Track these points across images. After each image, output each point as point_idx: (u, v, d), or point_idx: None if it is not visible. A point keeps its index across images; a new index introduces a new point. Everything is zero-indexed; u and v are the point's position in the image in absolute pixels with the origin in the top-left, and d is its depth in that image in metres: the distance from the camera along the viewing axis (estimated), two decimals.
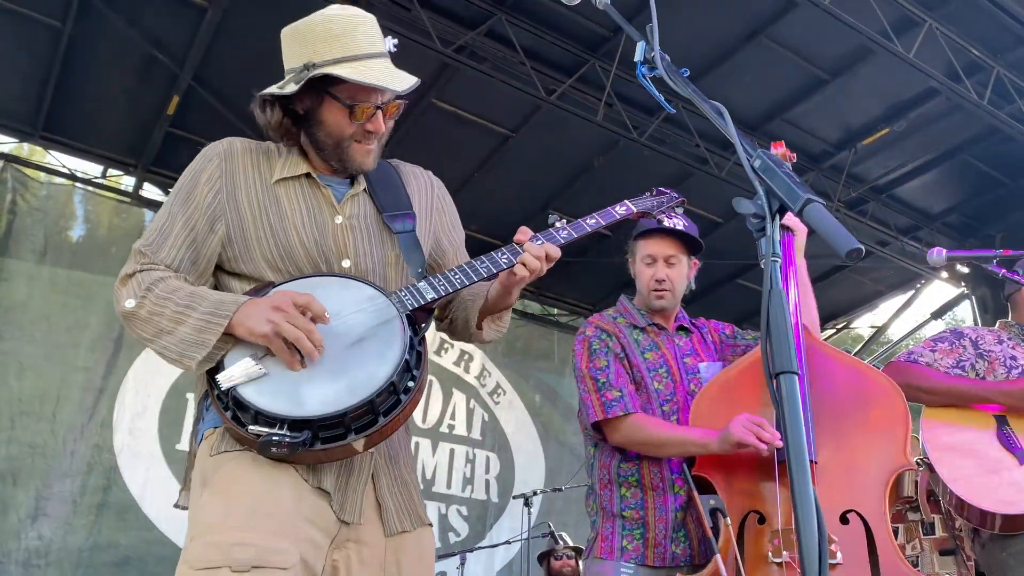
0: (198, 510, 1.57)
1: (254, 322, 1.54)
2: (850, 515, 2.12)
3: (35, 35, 5.95)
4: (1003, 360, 2.87)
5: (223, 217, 1.74)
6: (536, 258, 1.77)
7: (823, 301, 9.95)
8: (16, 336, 6.49)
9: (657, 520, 2.41)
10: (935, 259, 2.85)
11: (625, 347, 2.59)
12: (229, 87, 6.43)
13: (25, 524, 6.09)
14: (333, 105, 1.76)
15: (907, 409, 2.27)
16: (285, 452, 1.49)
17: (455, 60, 5.83)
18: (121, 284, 1.67)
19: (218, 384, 1.55)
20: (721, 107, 1.39)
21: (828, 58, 6.42)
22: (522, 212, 8.10)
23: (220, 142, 1.85)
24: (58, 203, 7.15)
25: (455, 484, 8.46)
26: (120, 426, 6.70)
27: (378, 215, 1.85)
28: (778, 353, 1.05)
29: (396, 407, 1.59)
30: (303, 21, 1.83)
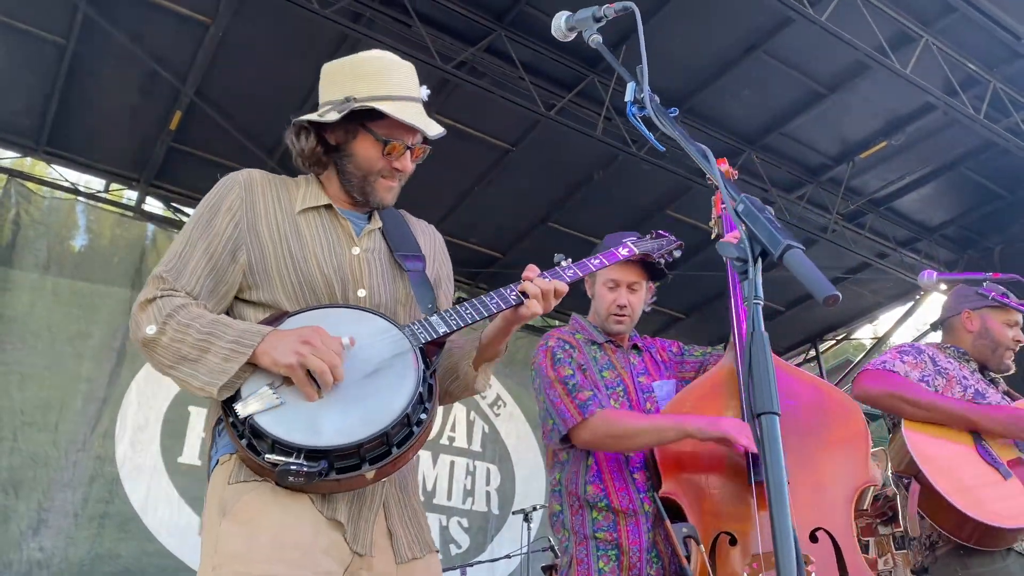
0: (219, 538, 1.58)
1: (279, 353, 1.56)
2: (819, 532, 2.15)
3: (40, 52, 6.02)
4: (959, 379, 2.94)
5: (244, 246, 1.77)
6: (544, 291, 1.80)
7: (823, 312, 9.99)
8: (19, 347, 6.52)
9: (631, 543, 2.40)
10: (926, 282, 2.90)
11: (585, 362, 2.61)
12: (231, 102, 6.51)
13: (27, 535, 6.10)
14: (367, 139, 1.83)
15: (867, 426, 2.31)
16: (302, 481, 1.51)
17: (455, 76, 5.88)
18: (140, 310, 1.67)
19: (235, 412, 1.57)
20: (706, 149, 1.42)
21: (826, 73, 6.47)
22: (522, 225, 8.18)
23: (240, 172, 1.89)
24: (61, 216, 7.20)
25: (455, 496, 8.47)
26: (122, 438, 6.73)
27: (390, 253, 1.90)
28: (760, 394, 1.09)
29: (409, 439, 1.62)
30: (347, 58, 1.91)
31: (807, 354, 10.54)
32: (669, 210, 7.90)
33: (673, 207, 7.86)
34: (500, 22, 6.04)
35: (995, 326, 3.02)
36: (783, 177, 7.64)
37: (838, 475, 2.24)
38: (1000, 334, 3.00)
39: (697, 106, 6.86)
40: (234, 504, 1.58)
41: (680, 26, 6.01)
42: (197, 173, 7.31)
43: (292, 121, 1.89)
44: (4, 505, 6.07)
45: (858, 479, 2.23)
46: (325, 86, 1.90)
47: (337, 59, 1.94)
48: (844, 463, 2.26)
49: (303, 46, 5.99)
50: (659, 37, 6.12)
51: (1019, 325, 2.99)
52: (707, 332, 10.07)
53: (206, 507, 1.66)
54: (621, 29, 6.06)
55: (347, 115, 1.79)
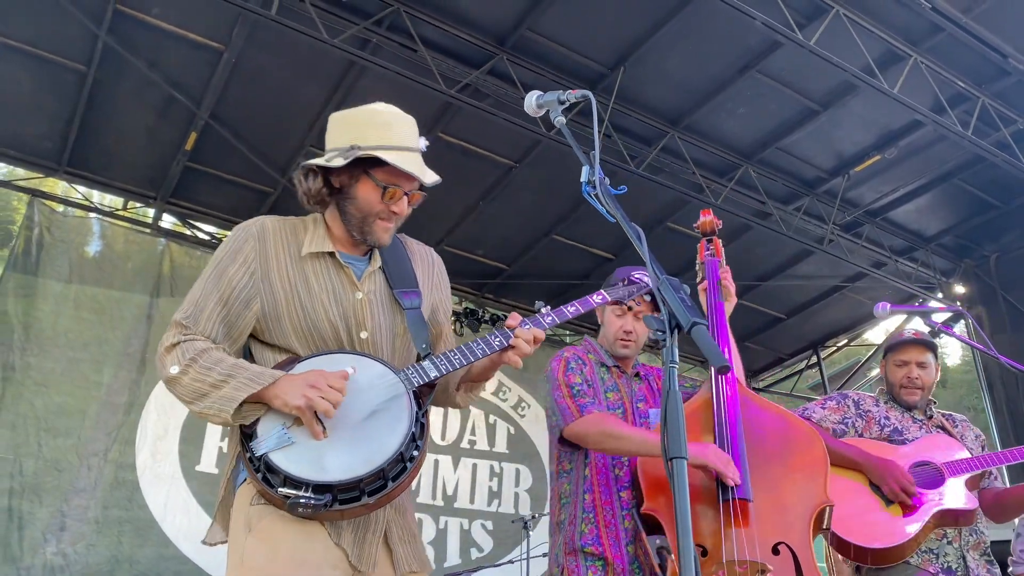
0: (245, 552, 1.80)
1: (290, 395, 1.78)
2: (780, 546, 2.36)
3: (62, 78, 6.30)
4: (878, 419, 3.29)
5: (258, 296, 1.97)
6: (526, 341, 2.01)
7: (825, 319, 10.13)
8: (40, 355, 6.79)
9: (615, 556, 2.61)
10: (880, 312, 3.14)
11: (593, 379, 2.84)
12: (243, 123, 6.77)
13: (47, 540, 6.33)
14: (368, 184, 2.01)
15: (826, 453, 2.54)
16: (310, 512, 1.75)
17: (458, 99, 6.11)
18: (166, 352, 1.88)
19: (252, 450, 1.80)
20: (639, 231, 1.64)
21: (818, 91, 6.66)
22: (526, 238, 8.41)
23: (253, 222, 2.07)
24: (82, 232, 7.49)
25: (479, 499, 8.63)
26: (143, 447, 6.98)
27: (390, 291, 2.10)
28: (672, 442, 1.31)
29: (403, 473, 1.83)
30: (354, 110, 2.10)
31: (808, 360, 10.71)
32: (669, 222, 8.10)
33: (673, 219, 8.06)
34: (502, 46, 6.26)
35: (890, 368, 3.37)
36: (780, 190, 7.83)
37: (799, 496, 2.46)
38: (892, 375, 3.35)
39: (695, 123, 7.06)
40: (258, 523, 1.81)
41: (676, 48, 6.23)
42: (212, 190, 7.60)
43: (300, 164, 2.09)
44: (25, 510, 6.30)
45: (817, 500, 2.45)
46: (332, 134, 2.09)
47: (344, 110, 2.14)
48: (804, 486, 2.48)
49: (312, 71, 6.25)
50: (656, 59, 6.35)
51: (911, 363, 3.29)
52: None
53: (232, 522, 1.90)
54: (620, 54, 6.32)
55: (351, 161, 1.98)
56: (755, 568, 2.27)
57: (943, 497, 2.92)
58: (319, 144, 6.55)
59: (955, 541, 3.01)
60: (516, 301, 9.49)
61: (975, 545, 3.03)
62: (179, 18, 5.90)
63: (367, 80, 6.27)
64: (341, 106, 6.62)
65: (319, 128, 6.74)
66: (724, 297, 2.95)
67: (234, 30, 5.89)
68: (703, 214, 3.19)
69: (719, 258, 3.06)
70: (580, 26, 6.14)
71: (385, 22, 5.92)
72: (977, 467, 2.96)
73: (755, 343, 10.30)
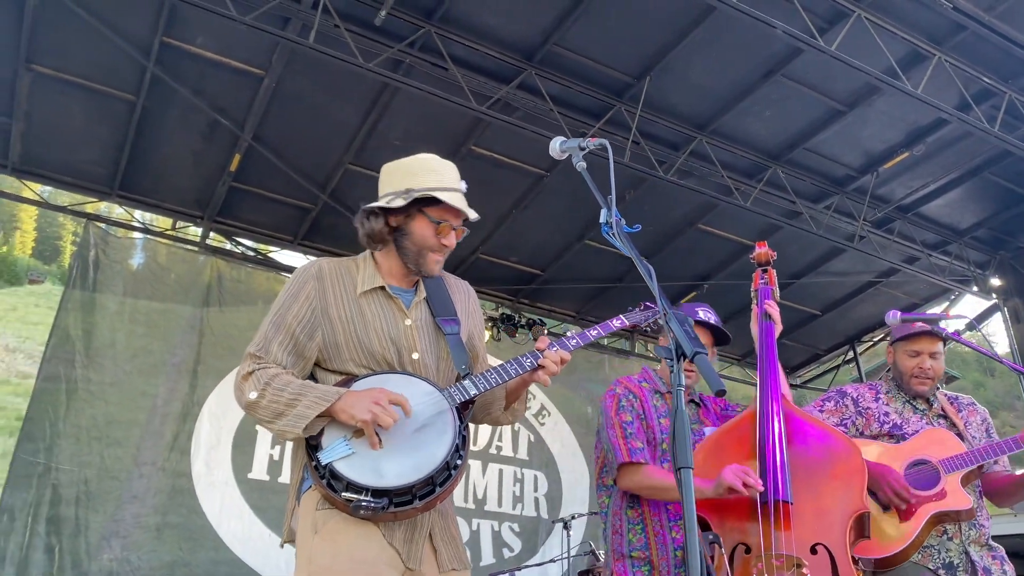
0: (312, 551, 2.03)
1: (356, 409, 2.02)
2: (818, 547, 2.56)
3: (112, 108, 6.64)
4: (877, 416, 3.36)
5: (320, 328, 2.22)
6: (553, 362, 2.25)
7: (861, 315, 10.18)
8: (98, 368, 7.14)
9: (660, 559, 2.87)
10: (891, 321, 3.26)
11: (646, 410, 3.07)
12: (285, 144, 7.07)
13: (102, 546, 6.65)
14: (423, 221, 2.29)
15: (863, 464, 2.73)
16: (370, 514, 1.99)
17: (487, 115, 6.32)
18: (243, 380, 2.14)
19: (318, 459, 2.04)
20: (650, 268, 1.81)
21: (843, 91, 6.75)
22: (559, 243, 8.60)
23: (312, 264, 2.35)
24: (133, 252, 7.86)
25: (506, 502, 8.88)
26: (197, 456, 7.29)
27: (433, 319, 2.36)
28: (680, 454, 1.50)
29: (448, 480, 2.07)
30: (404, 160, 2.39)
31: (845, 355, 10.75)
32: (700, 224, 8.24)
33: (703, 221, 8.20)
34: (530, 61, 6.46)
35: (900, 357, 3.42)
36: (809, 189, 7.92)
37: (836, 503, 2.66)
38: (903, 364, 3.40)
39: (722, 128, 7.19)
40: (323, 525, 2.05)
41: (700, 56, 6.37)
42: (256, 208, 7.92)
43: (362, 208, 2.36)
44: (83, 517, 6.63)
45: (853, 506, 2.65)
46: (385, 181, 2.38)
47: (396, 160, 2.42)
48: (843, 493, 2.68)
49: (348, 93, 6.52)
50: (681, 67, 6.50)
51: (924, 354, 3.34)
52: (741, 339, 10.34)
53: (299, 525, 2.13)
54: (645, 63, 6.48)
55: (408, 202, 2.27)
56: (791, 562, 2.47)
57: (939, 497, 3.01)
58: (357, 161, 6.88)
59: (955, 537, 3.09)
60: (552, 305, 9.70)
61: (976, 539, 3.10)
62: (221, 47, 6.19)
63: (401, 99, 6.52)
64: (377, 125, 6.93)
65: (356, 146, 7.06)
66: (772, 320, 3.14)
67: (273, 56, 6.17)
68: (758, 246, 3.40)
69: (772, 286, 3.25)
70: (605, 39, 6.31)
71: (417, 43, 6.15)
72: (972, 462, 3.04)
73: (791, 339, 10.37)
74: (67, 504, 6.59)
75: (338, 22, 5.73)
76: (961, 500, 3.03)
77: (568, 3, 5.94)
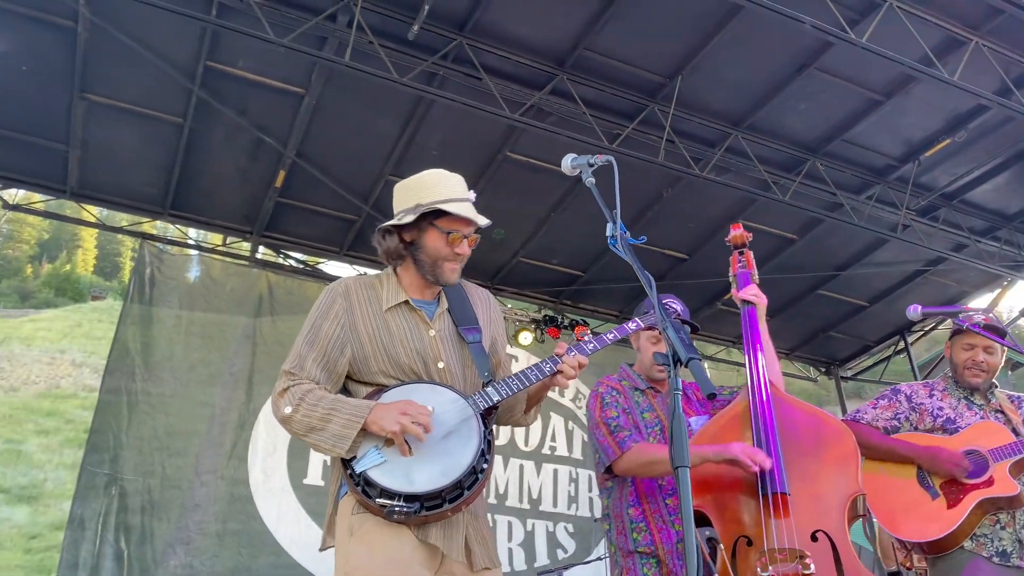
0: (348, 552, 2.17)
1: (386, 421, 2.14)
2: (818, 534, 2.60)
3: (161, 132, 6.92)
4: (931, 411, 3.41)
5: (349, 343, 2.36)
6: (571, 367, 2.35)
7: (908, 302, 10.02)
8: (157, 380, 7.45)
9: (666, 553, 2.93)
10: (912, 315, 3.29)
11: (629, 406, 3.13)
12: (327, 159, 7.27)
13: (169, 553, 6.93)
14: (434, 233, 2.40)
15: (856, 446, 2.76)
16: (403, 518, 2.12)
17: (521, 122, 6.43)
18: (279, 396, 2.28)
19: (352, 468, 2.18)
20: (651, 278, 1.90)
21: (880, 81, 6.69)
22: (599, 244, 8.63)
23: (339, 284, 2.49)
24: (187, 268, 8.17)
25: (561, 502, 8.96)
26: (254, 464, 7.55)
27: (455, 328, 2.48)
28: (677, 453, 1.59)
29: (475, 483, 2.20)
30: (411, 178, 2.51)
31: (896, 346, 10.59)
32: (741, 220, 8.20)
33: (743, 217, 8.17)
34: (561, 67, 6.55)
35: (956, 351, 3.48)
36: (849, 180, 7.85)
37: (832, 487, 2.70)
38: (957, 357, 3.46)
39: (757, 123, 7.18)
40: (358, 528, 2.19)
41: (731, 54, 6.38)
42: (302, 222, 8.15)
43: (377, 228, 2.48)
44: (148, 525, 6.93)
45: (849, 489, 2.69)
46: (397, 200, 2.49)
47: (405, 179, 2.54)
48: (837, 477, 2.72)
49: (386, 106, 6.69)
50: (713, 65, 6.52)
51: (978, 347, 3.38)
52: (788, 332, 10.30)
53: (337, 528, 2.27)
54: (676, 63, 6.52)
55: (418, 216, 2.37)
56: (794, 555, 2.51)
57: (987, 484, 3.05)
58: (397, 173, 7.08)
59: (1009, 526, 3.12)
60: (594, 305, 9.76)
61: None
62: (262, 68, 6.41)
63: (437, 110, 6.67)
64: (415, 137, 7.11)
65: (396, 158, 7.23)
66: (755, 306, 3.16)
67: (312, 75, 6.37)
68: (733, 228, 3.43)
69: (750, 270, 3.28)
70: (635, 41, 6.37)
71: (450, 55, 6.28)
72: (1021, 451, 3.08)
73: (839, 332, 10.27)
74: (133, 513, 6.88)
75: (372, 39, 5.89)
76: (1008, 487, 3.07)
77: (596, 7, 6.01)
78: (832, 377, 11.15)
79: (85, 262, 50.74)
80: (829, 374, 11.19)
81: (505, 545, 8.45)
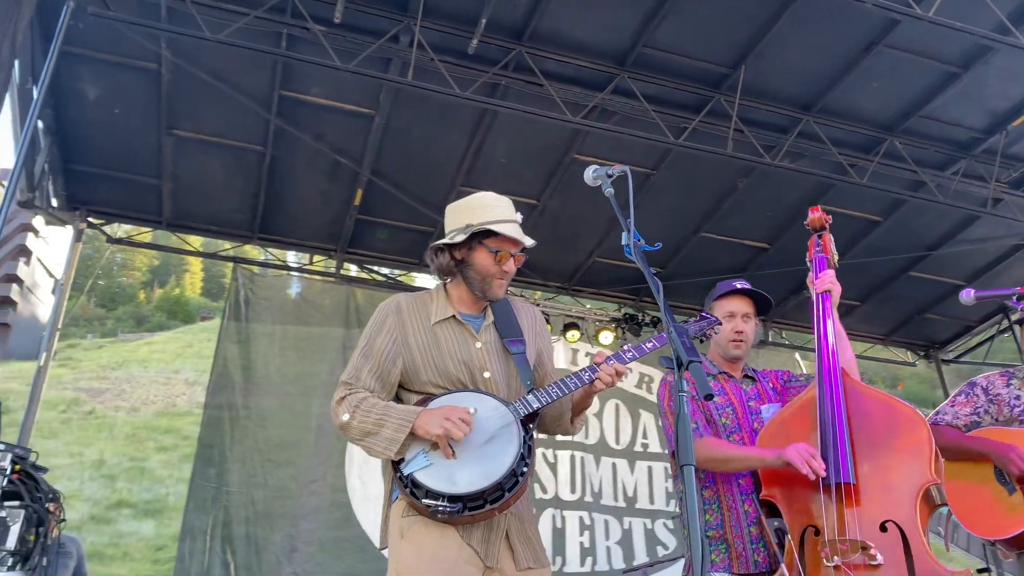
0: (399, 553, 2.33)
1: (431, 425, 2.29)
2: (888, 524, 2.55)
3: (245, 160, 7.31)
4: (1008, 401, 3.28)
5: (400, 356, 2.53)
6: (608, 375, 2.43)
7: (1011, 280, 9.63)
8: (257, 394, 7.83)
9: (735, 536, 2.92)
10: (965, 299, 3.18)
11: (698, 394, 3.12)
12: (400, 175, 7.52)
13: (282, 562, 7.25)
14: (483, 252, 2.55)
15: (930, 435, 2.67)
16: (446, 517, 2.26)
17: (584, 125, 6.50)
18: (337, 404, 2.46)
19: (401, 471, 2.33)
20: (659, 283, 1.96)
21: (954, 53, 6.44)
22: (676, 239, 8.62)
23: (391, 301, 2.65)
24: (278, 287, 8.56)
25: (658, 499, 8.90)
26: (351, 472, 7.84)
27: (500, 341, 2.61)
28: (682, 452, 1.65)
29: (516, 485, 2.31)
30: (463, 199, 2.67)
31: (1000, 325, 10.12)
32: (820, 205, 8.02)
33: (823, 201, 7.96)
34: (622, 66, 6.57)
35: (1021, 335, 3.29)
36: (932, 157, 7.58)
37: (904, 476, 2.64)
38: None
39: (828, 105, 7.02)
40: (408, 530, 2.34)
41: (794, 38, 6.28)
42: (382, 237, 8.42)
43: (430, 246, 2.65)
44: (260, 536, 7.27)
45: (923, 478, 2.61)
46: (449, 220, 2.66)
47: (456, 200, 2.70)
48: (909, 466, 2.65)
49: (451, 120, 6.89)
50: (776, 51, 6.43)
51: None
52: (882, 316, 9.99)
53: (390, 530, 2.43)
54: (739, 52, 6.45)
55: (468, 236, 2.52)
56: (856, 546, 2.50)
57: None
58: (468, 183, 7.24)
59: None
60: (676, 301, 9.65)
61: None
62: (334, 93, 6.70)
63: (501, 119, 6.81)
64: (482, 147, 7.26)
65: (465, 169, 7.41)
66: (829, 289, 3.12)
67: (380, 95, 6.61)
68: (811, 211, 3.37)
69: (827, 254, 3.24)
70: (694, 34, 6.35)
71: (510, 65, 6.40)
72: None
73: (936, 313, 9.89)
74: (238, 524, 7.25)
75: (433, 56, 6.07)
76: None
77: (652, 4, 6.02)
78: (932, 361, 10.73)
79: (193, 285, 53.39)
80: (929, 357, 10.78)
81: (603, 544, 8.48)
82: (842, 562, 2.47)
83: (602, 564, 8.34)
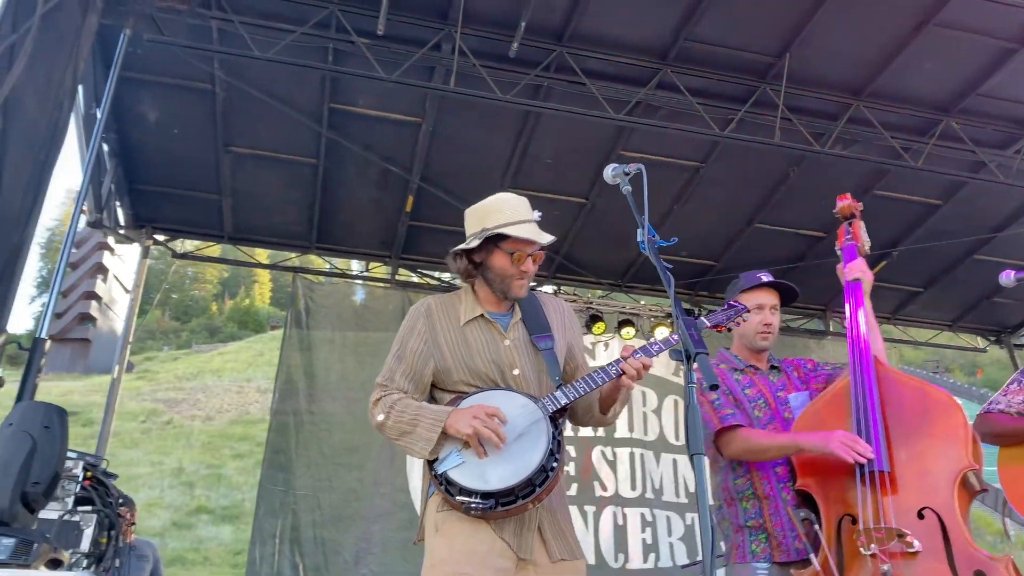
0: (433, 547, 2.42)
1: (461, 425, 2.35)
2: (925, 511, 2.51)
3: (300, 173, 7.52)
4: None
5: (432, 357, 2.59)
6: (635, 367, 2.44)
7: None
8: (321, 399, 8.03)
9: (774, 525, 2.91)
10: (1005, 281, 3.10)
11: (730, 386, 3.13)
12: (449, 180, 7.63)
13: (352, 565, 7.43)
14: (499, 254, 2.57)
15: (966, 420, 2.62)
16: (479, 513, 2.32)
17: (628, 122, 6.50)
18: (373, 405, 2.53)
19: (435, 469, 2.40)
20: (670, 277, 1.99)
21: (1009, 28, 6.25)
22: (729, 231, 8.56)
23: (421, 304, 2.72)
24: (337, 294, 8.77)
25: None
26: (412, 473, 7.98)
27: (529, 337, 2.66)
28: (693, 441, 1.68)
29: (546, 480, 2.35)
30: (479, 204, 2.70)
31: None
32: (876, 191, 7.88)
33: (879, 187, 7.84)
34: (664, 60, 6.56)
35: None
36: (991, 136, 7.35)
37: (940, 462, 2.60)
38: None
39: (879, 89, 6.88)
40: (442, 524, 2.41)
41: (840, 23, 6.18)
42: (433, 242, 8.55)
43: (449, 252, 2.70)
44: (328, 538, 7.45)
45: (960, 463, 2.57)
46: (467, 225, 2.71)
47: (473, 205, 2.73)
48: (946, 451, 2.61)
49: (496, 124, 6.98)
50: (821, 37, 6.34)
51: None
52: (947, 302, 9.72)
53: (426, 525, 2.50)
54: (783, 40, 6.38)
55: (484, 240, 2.57)
56: (891, 534, 2.47)
57: None
58: (515, 185, 7.29)
59: None
60: None
61: None
62: (380, 104, 6.85)
63: (545, 120, 6.87)
64: (528, 149, 7.32)
65: (512, 171, 7.49)
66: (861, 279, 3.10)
67: (426, 103, 6.74)
68: (840, 199, 3.36)
69: (857, 243, 3.22)
70: (736, 24, 6.30)
71: (552, 66, 6.45)
72: None
73: (1004, 297, 9.57)
74: (307, 527, 7.46)
75: (475, 61, 6.16)
76: None
77: None
78: (1004, 346, 10.38)
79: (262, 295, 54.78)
80: (1000, 343, 10.43)
81: (666, 540, 8.46)
82: (879, 550, 2.45)
83: (665, 560, 8.31)
